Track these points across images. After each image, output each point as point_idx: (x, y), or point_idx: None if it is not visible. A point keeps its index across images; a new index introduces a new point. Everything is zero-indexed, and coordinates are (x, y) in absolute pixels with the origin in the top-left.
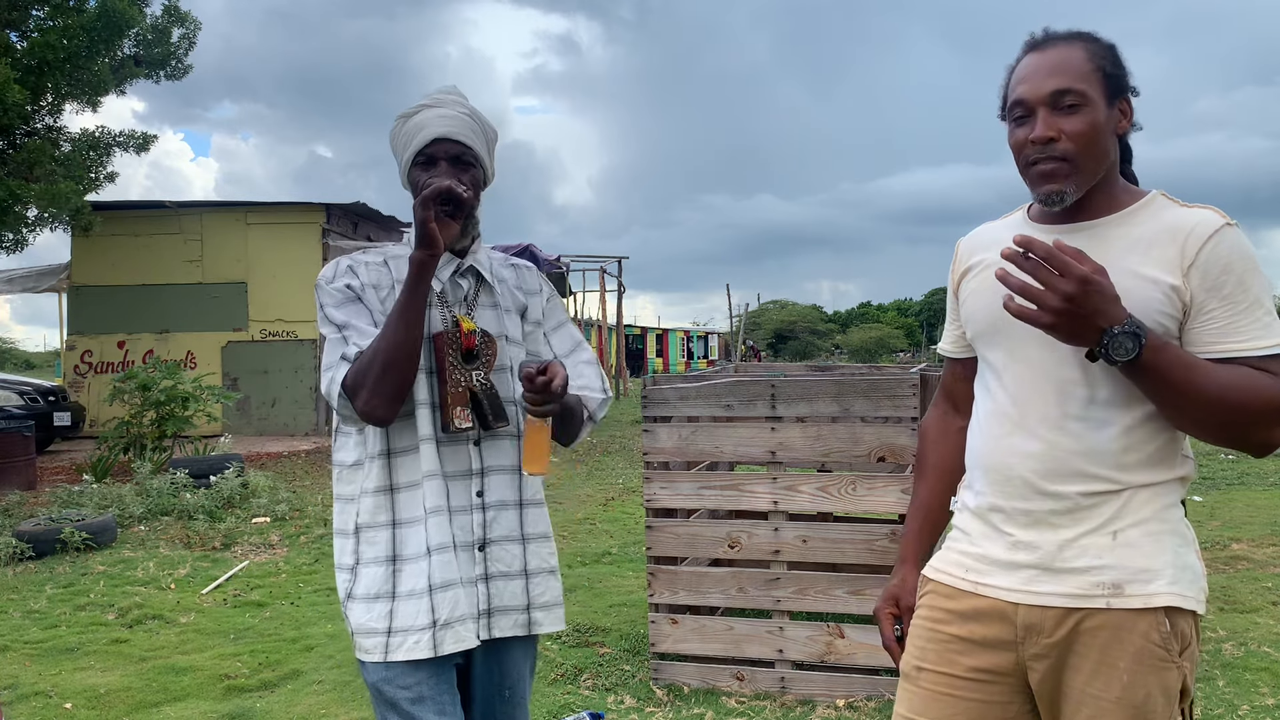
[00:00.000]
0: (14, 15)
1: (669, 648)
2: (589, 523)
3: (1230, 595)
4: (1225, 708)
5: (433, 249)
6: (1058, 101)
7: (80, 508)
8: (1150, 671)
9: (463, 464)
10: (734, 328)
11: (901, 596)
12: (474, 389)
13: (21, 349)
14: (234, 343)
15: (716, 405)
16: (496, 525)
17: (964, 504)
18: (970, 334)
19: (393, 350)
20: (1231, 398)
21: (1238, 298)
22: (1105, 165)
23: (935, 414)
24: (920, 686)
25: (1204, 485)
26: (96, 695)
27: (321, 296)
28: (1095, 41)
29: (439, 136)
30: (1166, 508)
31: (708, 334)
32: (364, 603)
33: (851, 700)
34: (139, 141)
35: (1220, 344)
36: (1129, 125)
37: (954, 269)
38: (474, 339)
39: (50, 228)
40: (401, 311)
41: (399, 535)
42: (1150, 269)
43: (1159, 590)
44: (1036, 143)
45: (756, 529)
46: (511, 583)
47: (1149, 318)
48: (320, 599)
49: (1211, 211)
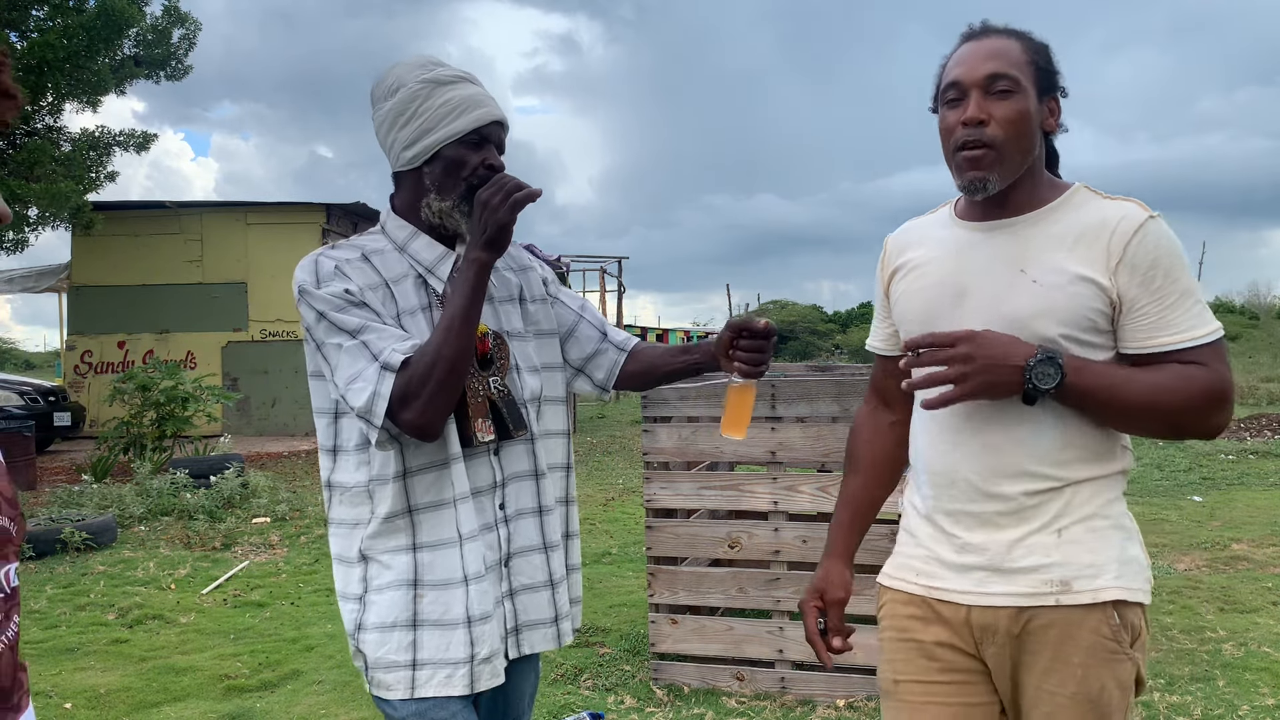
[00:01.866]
0: (14, 15)
1: (669, 648)
2: (589, 523)
3: (1230, 595)
4: (1225, 708)
5: (501, 253)
6: (991, 85)
7: (80, 508)
8: (1103, 665)
9: (486, 478)
10: None
11: (826, 590)
12: (492, 397)
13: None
14: (234, 343)
15: (717, 405)
16: (518, 537)
17: (912, 506)
18: (905, 335)
19: (456, 358)
20: (1165, 400)
21: (1166, 291)
22: (1029, 158)
23: (866, 410)
24: (902, 700)
25: (1204, 485)
26: (96, 695)
27: (316, 303)
28: (1030, 38)
29: (498, 119)
30: (1109, 503)
31: (708, 334)
32: (379, 633)
33: (852, 700)
34: (139, 141)
35: (1154, 338)
36: (1056, 124)
37: (883, 266)
38: (488, 343)
39: (50, 228)
40: (465, 315)
41: (421, 560)
42: (1078, 266)
43: (1106, 585)
44: (967, 124)
45: (756, 529)
46: (538, 595)
47: (1081, 315)
48: (320, 599)
49: (1134, 204)
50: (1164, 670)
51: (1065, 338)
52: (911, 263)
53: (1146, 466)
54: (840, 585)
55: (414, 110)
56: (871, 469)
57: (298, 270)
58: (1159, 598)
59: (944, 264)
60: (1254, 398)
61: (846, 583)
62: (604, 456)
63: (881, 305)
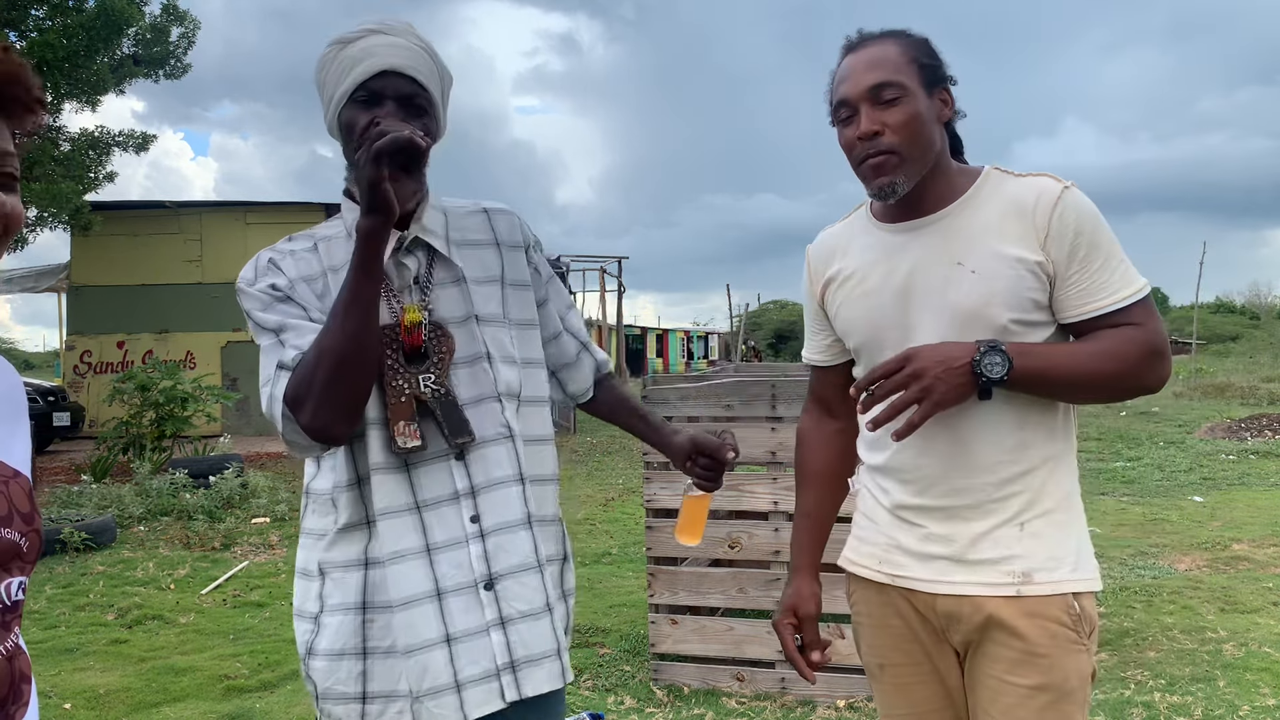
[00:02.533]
0: (14, 15)
1: (669, 648)
2: (589, 523)
3: (1231, 596)
4: (1226, 708)
5: (387, 214)
6: (878, 96)
7: (80, 508)
8: (1065, 655)
9: (444, 487)
10: (734, 328)
11: (799, 605)
12: (422, 397)
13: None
14: (233, 343)
15: (716, 405)
16: (503, 554)
17: (869, 492)
18: (853, 345)
19: (342, 346)
20: (1110, 366)
21: (1091, 258)
22: (933, 154)
23: (809, 420)
24: (889, 683)
25: (1204, 485)
26: (96, 695)
27: (245, 302)
28: (908, 36)
29: (389, 69)
30: (1068, 495)
31: (708, 334)
32: (328, 660)
33: (852, 700)
34: (138, 141)
35: (1087, 304)
36: (951, 113)
37: (810, 280)
38: (420, 334)
39: (50, 228)
40: (351, 297)
41: (371, 578)
42: (1012, 248)
43: (1065, 576)
44: (863, 139)
45: (757, 529)
46: (537, 623)
47: (1024, 297)
48: None
49: (1048, 179)
50: (1164, 670)
51: (1015, 322)
52: (843, 272)
53: (1147, 467)
54: (811, 599)
55: (321, 79)
56: (823, 479)
57: (244, 267)
58: (1159, 597)
59: (878, 269)
60: (1254, 398)
61: (816, 596)
62: (604, 456)
63: (816, 316)
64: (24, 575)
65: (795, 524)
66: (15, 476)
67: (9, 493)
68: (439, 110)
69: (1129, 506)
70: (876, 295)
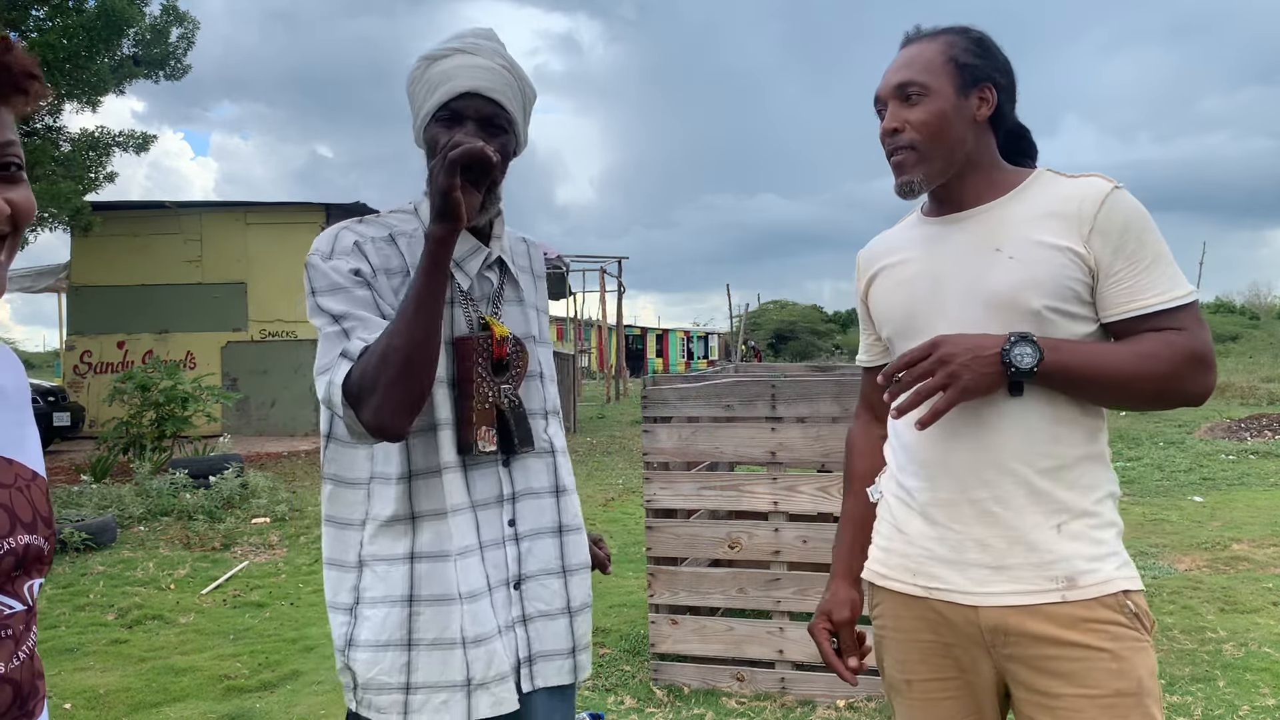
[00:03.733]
0: (14, 15)
1: (669, 648)
2: (589, 523)
3: (1231, 596)
4: (1226, 708)
5: (456, 223)
6: (903, 94)
7: (80, 508)
8: (1134, 654)
9: (492, 490)
10: (734, 328)
11: (834, 610)
12: (501, 406)
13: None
14: (233, 343)
15: (716, 405)
16: (531, 558)
17: (899, 499)
18: (887, 334)
19: (411, 348)
20: (1149, 367)
21: (1139, 255)
22: (960, 152)
23: (859, 425)
24: (915, 698)
25: (1204, 485)
26: (96, 695)
27: (314, 278)
28: (954, 34)
29: (470, 91)
30: (1100, 500)
31: (708, 334)
32: (371, 651)
33: (852, 701)
34: (139, 141)
35: (1131, 302)
36: (989, 111)
37: (859, 281)
38: (506, 347)
39: (50, 228)
40: (421, 299)
41: (418, 571)
42: (1052, 237)
43: (1110, 575)
44: (885, 134)
45: (757, 529)
46: (554, 623)
47: (1063, 285)
48: (319, 599)
49: (1098, 178)
50: (1164, 670)
51: (1050, 309)
52: (886, 267)
53: (1147, 467)
54: (846, 605)
55: (411, 93)
56: (869, 484)
57: (318, 238)
58: (1159, 598)
59: (916, 258)
60: (1254, 398)
61: (854, 602)
62: (604, 456)
63: (865, 317)
64: (43, 577)
65: (839, 528)
66: (34, 479)
67: (31, 497)
68: (519, 128)
69: (1129, 506)
70: (911, 283)
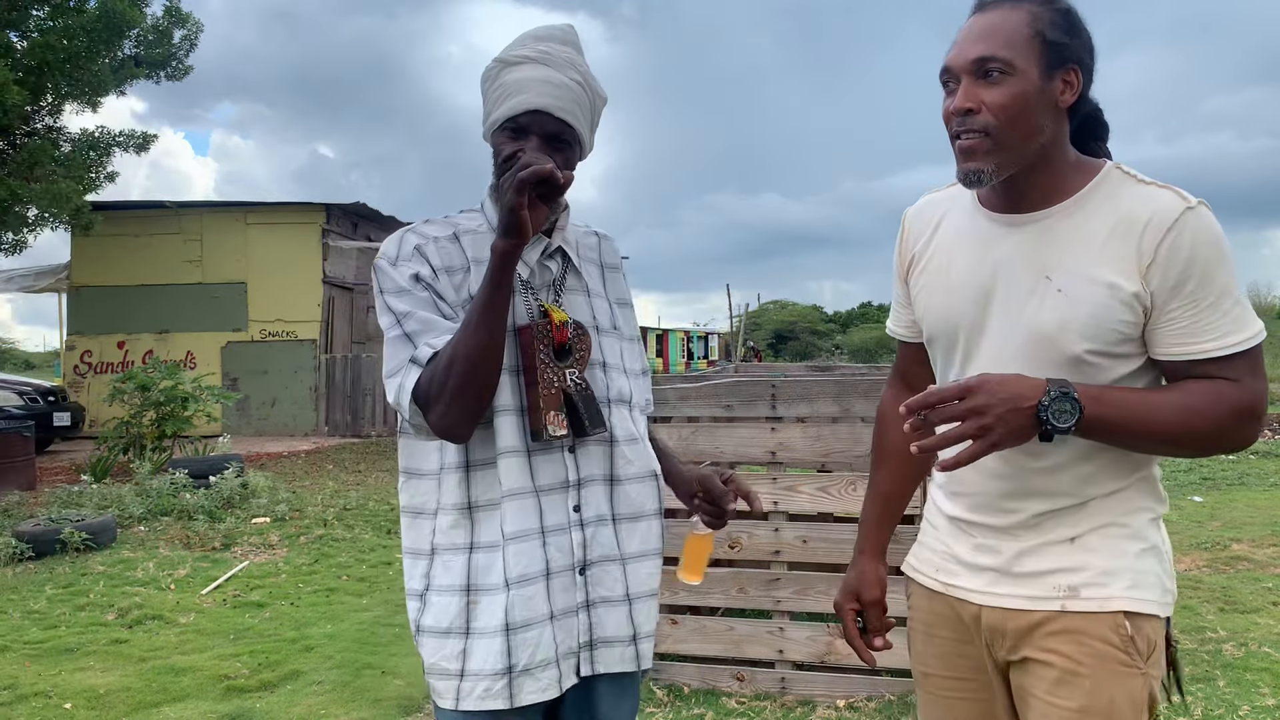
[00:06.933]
0: (14, 15)
1: (669, 648)
2: None
3: (1230, 595)
4: (1225, 708)
5: (520, 237)
6: (981, 69)
7: (80, 508)
8: (1112, 677)
9: (559, 475)
10: (734, 328)
11: (862, 590)
12: (568, 390)
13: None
14: (234, 343)
15: (716, 405)
16: (595, 544)
17: (935, 505)
18: (926, 333)
19: (475, 355)
20: (1194, 424)
21: (1199, 295)
22: (1036, 143)
23: (890, 395)
24: (930, 692)
25: (1204, 485)
26: (96, 695)
27: (382, 280)
28: (1046, 4)
29: (538, 109)
30: (1129, 512)
31: (708, 334)
32: (435, 638)
33: (852, 701)
34: (139, 141)
35: (1184, 345)
36: (1073, 98)
37: (901, 248)
38: (567, 332)
39: (50, 228)
40: (485, 310)
41: (475, 561)
42: (1107, 272)
43: (1115, 594)
44: (956, 114)
45: (757, 529)
46: (615, 610)
47: (1109, 329)
48: (320, 599)
49: (1171, 194)
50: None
51: (1092, 353)
52: (932, 255)
53: None
54: (875, 583)
55: (484, 91)
56: (899, 458)
57: (385, 242)
58: None
59: (965, 259)
60: None
61: (882, 580)
62: None
63: (902, 293)
64: None
65: (865, 503)
66: None
67: None
68: (584, 142)
69: None
70: (958, 292)
